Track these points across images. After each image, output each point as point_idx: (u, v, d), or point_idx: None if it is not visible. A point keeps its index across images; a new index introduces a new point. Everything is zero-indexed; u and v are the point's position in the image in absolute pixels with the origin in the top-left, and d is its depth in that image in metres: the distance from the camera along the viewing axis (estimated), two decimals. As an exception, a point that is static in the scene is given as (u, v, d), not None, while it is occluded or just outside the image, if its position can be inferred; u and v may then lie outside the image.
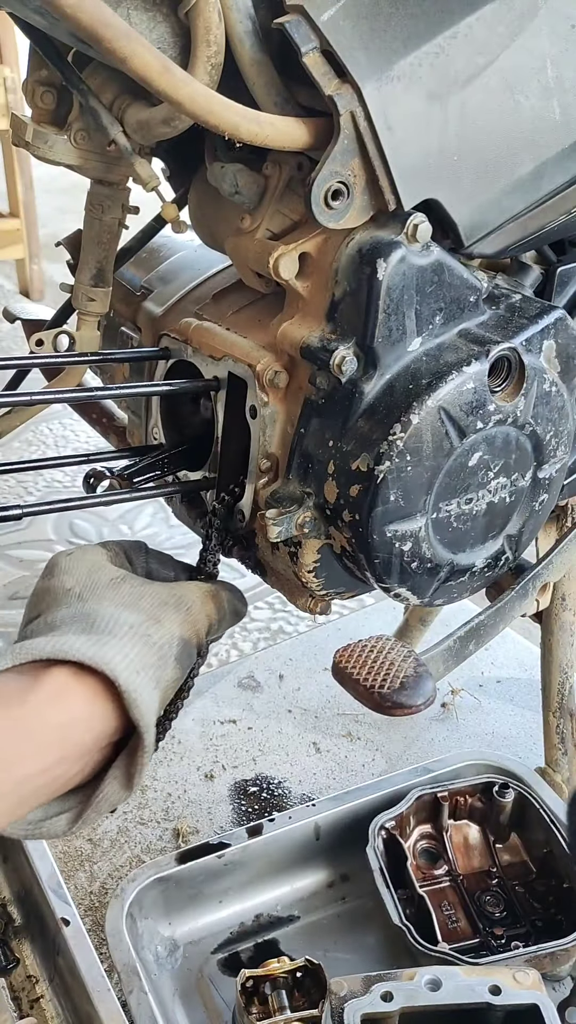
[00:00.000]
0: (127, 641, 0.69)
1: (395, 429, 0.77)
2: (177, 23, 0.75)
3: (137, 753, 0.69)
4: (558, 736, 1.24)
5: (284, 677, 1.63)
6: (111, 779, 0.69)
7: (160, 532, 2.04)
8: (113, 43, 0.64)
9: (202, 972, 1.11)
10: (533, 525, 0.93)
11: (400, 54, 0.74)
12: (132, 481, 0.98)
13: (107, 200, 0.96)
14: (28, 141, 0.90)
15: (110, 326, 1.12)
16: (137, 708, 0.67)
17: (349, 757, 1.46)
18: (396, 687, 0.78)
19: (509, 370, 0.82)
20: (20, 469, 0.95)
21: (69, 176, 1.03)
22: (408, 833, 1.17)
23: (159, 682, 0.71)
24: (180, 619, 0.75)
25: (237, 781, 1.41)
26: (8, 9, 0.77)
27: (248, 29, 0.74)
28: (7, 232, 3.50)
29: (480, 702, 1.57)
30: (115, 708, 0.68)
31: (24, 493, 2.17)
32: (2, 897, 1.17)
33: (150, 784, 1.40)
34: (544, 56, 0.80)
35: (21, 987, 1.08)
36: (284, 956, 1.03)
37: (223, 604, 0.81)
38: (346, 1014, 0.86)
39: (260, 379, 0.85)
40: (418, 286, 0.79)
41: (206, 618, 0.79)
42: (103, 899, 1.23)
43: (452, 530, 0.85)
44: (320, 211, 0.75)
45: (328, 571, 0.89)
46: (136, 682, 0.68)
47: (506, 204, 0.83)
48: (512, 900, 1.13)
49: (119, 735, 0.70)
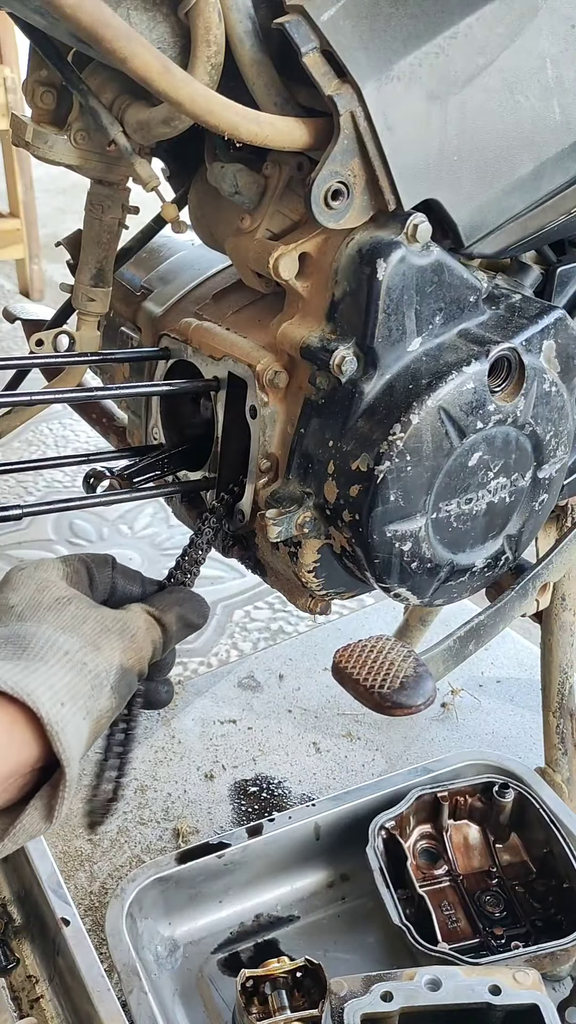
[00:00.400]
0: (58, 668, 0.67)
1: (395, 429, 0.77)
2: (177, 23, 0.75)
3: (59, 786, 0.66)
4: (558, 736, 1.24)
5: (284, 677, 1.63)
6: (31, 810, 0.66)
7: (160, 532, 2.04)
8: (113, 43, 0.64)
9: (202, 972, 1.11)
10: (533, 525, 0.93)
11: (400, 54, 0.74)
12: (132, 481, 0.98)
13: (107, 200, 0.96)
14: (28, 141, 0.90)
15: (110, 326, 1.13)
16: (59, 741, 0.65)
17: (349, 757, 1.46)
18: (396, 687, 0.78)
19: (509, 370, 0.82)
20: (20, 469, 0.95)
21: (69, 176, 1.03)
22: (408, 833, 1.17)
23: (90, 712, 0.69)
24: (122, 646, 0.73)
25: (237, 781, 1.41)
26: (8, 9, 0.77)
27: (248, 29, 0.74)
28: (7, 232, 3.50)
29: (480, 702, 1.57)
30: (38, 737, 0.66)
31: (24, 493, 2.17)
32: (2, 897, 1.17)
33: (150, 784, 1.40)
34: (544, 56, 0.80)
35: (21, 987, 1.08)
36: (284, 956, 1.03)
37: (171, 625, 0.79)
38: (346, 1014, 0.87)
39: (260, 379, 0.85)
40: (418, 286, 0.79)
41: (151, 644, 0.76)
42: (103, 899, 1.23)
43: (452, 530, 0.85)
44: (320, 211, 0.75)
45: (328, 571, 0.89)
46: (60, 714, 0.65)
47: (506, 204, 0.83)
48: (512, 900, 1.13)
49: (43, 763, 0.67)
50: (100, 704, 0.70)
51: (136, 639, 0.74)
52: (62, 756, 0.65)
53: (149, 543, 1.99)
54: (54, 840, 1.29)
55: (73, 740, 0.66)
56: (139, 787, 1.39)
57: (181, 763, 1.44)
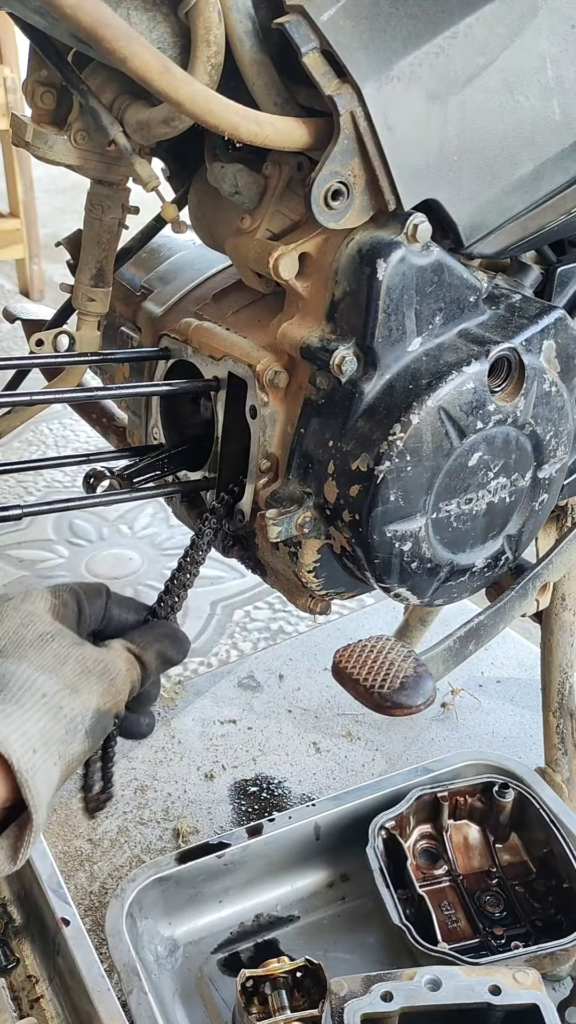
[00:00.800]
0: (33, 712, 0.67)
1: (395, 429, 0.77)
2: (177, 23, 0.75)
3: (26, 829, 0.66)
4: (558, 736, 1.24)
5: (284, 677, 1.63)
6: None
7: (160, 532, 2.04)
8: (113, 43, 0.64)
9: (202, 972, 1.11)
10: (533, 525, 0.93)
11: (400, 54, 0.74)
12: (132, 481, 0.98)
13: (107, 200, 0.96)
14: (28, 141, 0.90)
15: (110, 326, 1.13)
16: (29, 789, 0.65)
17: (349, 757, 1.46)
18: (396, 687, 0.78)
19: (509, 370, 0.82)
20: (20, 469, 0.95)
21: (69, 176, 1.03)
22: (408, 833, 1.17)
23: (62, 756, 0.69)
24: (100, 689, 0.73)
25: (237, 781, 1.41)
26: (8, 9, 0.78)
27: (248, 29, 0.74)
28: (7, 232, 3.50)
29: (480, 702, 1.57)
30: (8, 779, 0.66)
31: (24, 493, 2.17)
32: (2, 897, 1.17)
33: (150, 784, 1.40)
34: (544, 56, 0.80)
35: (21, 987, 1.08)
36: (284, 956, 1.03)
37: (151, 663, 0.79)
38: (346, 1014, 0.87)
39: (260, 379, 0.85)
40: (418, 286, 0.79)
41: (130, 683, 0.77)
42: (103, 899, 1.23)
43: (452, 530, 0.85)
44: (320, 211, 0.75)
45: (328, 571, 0.89)
46: (32, 761, 0.66)
47: (506, 204, 0.83)
48: (512, 900, 1.13)
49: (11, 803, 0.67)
50: (73, 748, 0.70)
51: (116, 681, 0.75)
52: (31, 803, 0.65)
53: (149, 543, 1.99)
54: (54, 840, 1.29)
55: (43, 787, 0.66)
56: (139, 787, 1.39)
57: (181, 763, 1.44)
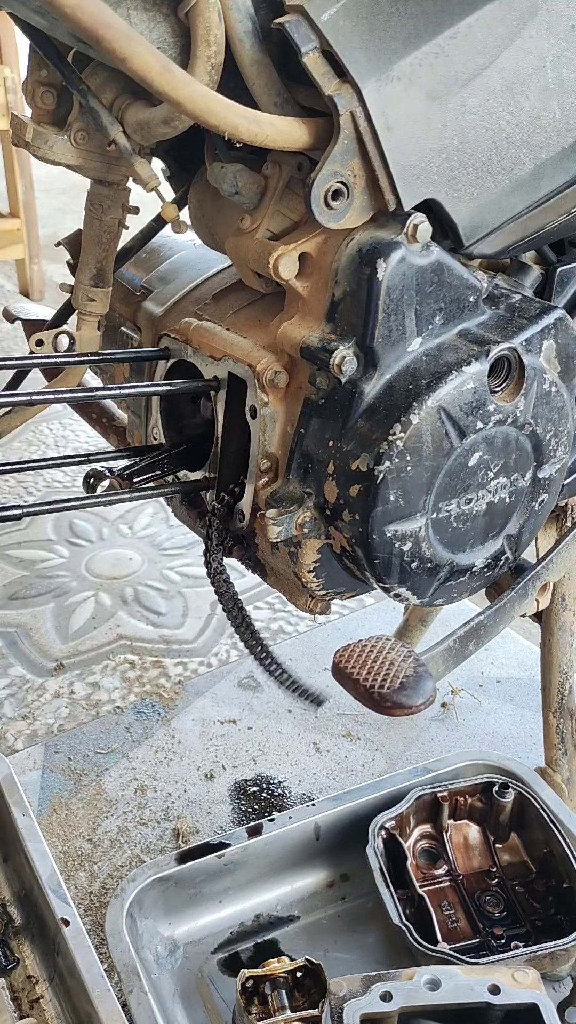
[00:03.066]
0: None
1: (395, 429, 0.77)
2: (177, 23, 0.75)
3: None
4: (558, 736, 1.24)
5: (284, 677, 1.63)
6: None
7: (160, 532, 2.04)
8: (113, 43, 0.64)
9: (202, 972, 1.11)
10: (533, 525, 0.93)
11: (400, 54, 0.74)
12: (132, 481, 0.98)
13: (107, 200, 0.96)
14: (28, 141, 0.90)
15: (110, 326, 1.13)
16: None
17: (349, 757, 1.46)
18: (396, 687, 0.78)
19: (509, 370, 0.82)
20: (20, 469, 0.95)
21: (69, 176, 1.03)
22: (408, 833, 1.17)
23: None
24: None
25: (237, 781, 1.41)
26: (8, 9, 0.77)
27: (248, 29, 0.74)
28: (7, 232, 3.50)
29: (480, 702, 1.57)
30: None
31: (24, 493, 2.17)
32: (2, 897, 1.17)
33: (150, 784, 1.40)
34: (544, 56, 0.80)
35: (21, 987, 1.08)
36: (284, 956, 1.03)
37: None
38: (346, 1014, 0.87)
39: (260, 379, 0.85)
40: (418, 286, 0.79)
41: None
42: (103, 899, 1.23)
43: (452, 530, 0.85)
44: (320, 211, 0.75)
45: (328, 571, 0.89)
46: None
47: (506, 204, 0.83)
48: (512, 900, 1.13)
49: None
50: None
51: None
52: None
53: (149, 543, 1.99)
54: (54, 840, 1.29)
55: None
56: (139, 787, 1.39)
57: (181, 763, 1.44)
